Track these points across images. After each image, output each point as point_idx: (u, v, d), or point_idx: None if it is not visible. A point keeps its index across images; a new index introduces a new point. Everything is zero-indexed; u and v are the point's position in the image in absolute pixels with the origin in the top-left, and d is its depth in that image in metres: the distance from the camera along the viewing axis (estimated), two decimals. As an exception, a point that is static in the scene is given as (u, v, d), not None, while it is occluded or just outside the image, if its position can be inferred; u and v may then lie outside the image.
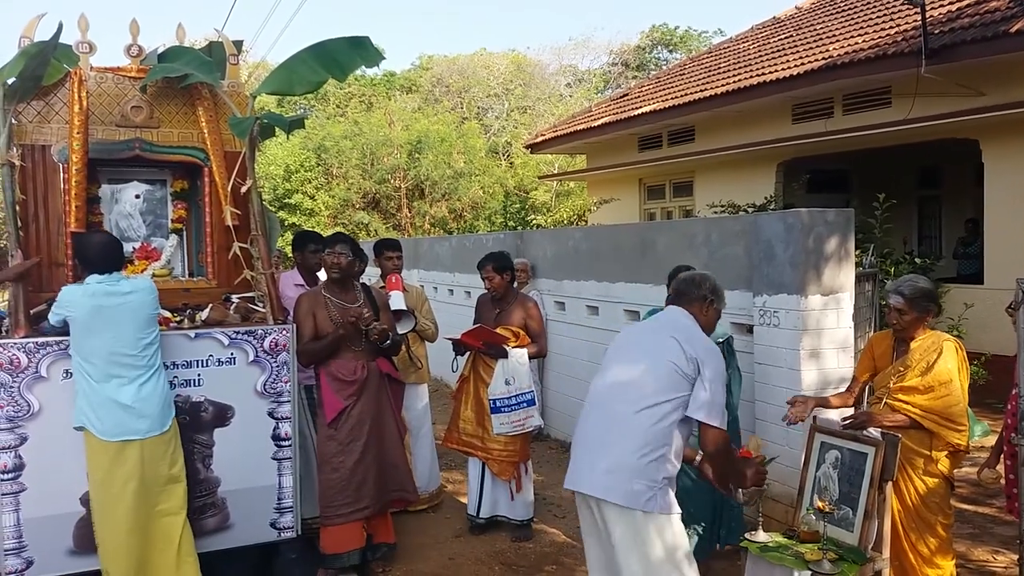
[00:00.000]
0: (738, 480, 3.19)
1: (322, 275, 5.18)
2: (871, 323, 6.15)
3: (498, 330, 4.89)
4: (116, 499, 3.55)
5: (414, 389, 5.37)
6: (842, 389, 4.62)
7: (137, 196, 4.69)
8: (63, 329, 3.66)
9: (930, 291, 3.58)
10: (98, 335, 3.54)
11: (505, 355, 4.84)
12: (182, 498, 3.74)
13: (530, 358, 4.97)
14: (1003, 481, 4.29)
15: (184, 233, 4.74)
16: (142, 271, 4.42)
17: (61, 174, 4.19)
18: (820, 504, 3.29)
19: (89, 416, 3.54)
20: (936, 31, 8.39)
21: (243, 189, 4.35)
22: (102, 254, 3.68)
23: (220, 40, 4.67)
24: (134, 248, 4.55)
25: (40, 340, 3.69)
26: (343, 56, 4.31)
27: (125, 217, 4.69)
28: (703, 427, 2.92)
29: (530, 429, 4.93)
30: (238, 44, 4.75)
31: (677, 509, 2.90)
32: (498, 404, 4.83)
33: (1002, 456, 4.19)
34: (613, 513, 2.88)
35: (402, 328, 4.72)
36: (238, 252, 4.43)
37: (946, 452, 3.50)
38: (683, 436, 2.97)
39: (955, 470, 3.58)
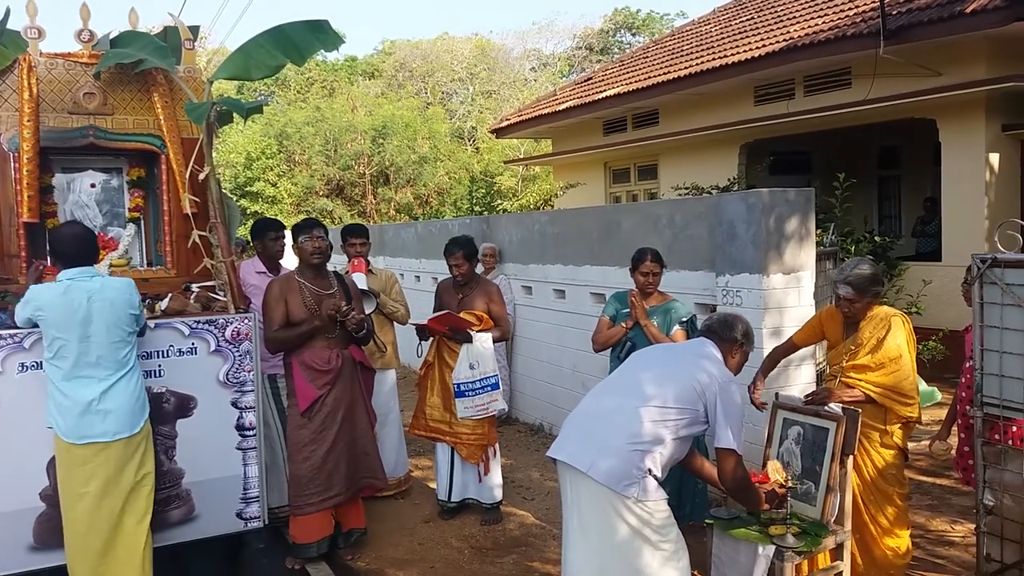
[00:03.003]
0: (754, 505, 3.24)
1: (284, 262, 5.13)
2: (831, 301, 6.23)
3: (462, 315, 4.89)
4: (77, 499, 3.47)
5: (380, 375, 5.33)
6: (802, 365, 4.72)
7: (92, 185, 4.61)
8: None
9: (876, 275, 3.60)
10: (68, 333, 3.42)
11: (470, 340, 4.84)
12: (146, 503, 3.62)
13: (494, 342, 4.97)
14: (953, 453, 4.39)
15: (142, 222, 4.67)
16: (100, 261, 4.34)
17: (12, 163, 4.10)
18: (782, 478, 3.34)
19: (55, 416, 3.44)
20: (894, 12, 8.49)
21: (201, 176, 4.29)
22: (74, 247, 3.55)
23: (175, 25, 4.59)
24: (90, 238, 4.46)
25: (-8, 333, 3.61)
26: (301, 40, 4.26)
27: (80, 207, 4.60)
28: (721, 455, 3.00)
29: (494, 413, 4.95)
30: (194, 30, 4.67)
31: (657, 496, 2.89)
32: (462, 388, 4.84)
33: (954, 428, 4.29)
34: (589, 487, 2.89)
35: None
36: (197, 241, 4.36)
37: (899, 424, 3.58)
38: (678, 454, 3.01)
39: (912, 444, 3.65)
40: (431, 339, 5.07)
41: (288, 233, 4.74)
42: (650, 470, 2.88)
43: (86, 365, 3.44)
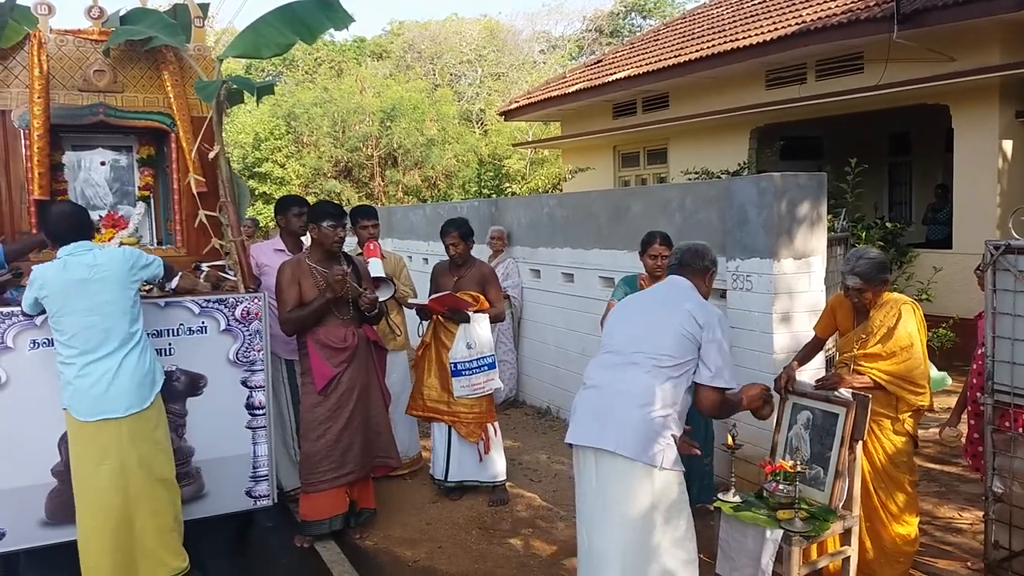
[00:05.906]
0: (736, 407, 3.20)
1: (306, 240, 5.12)
2: (841, 287, 6.20)
3: (459, 295, 4.93)
4: (89, 478, 3.45)
5: (393, 357, 5.35)
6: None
7: (103, 163, 4.60)
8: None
9: (883, 263, 3.59)
10: (73, 310, 3.40)
11: (468, 320, 4.88)
12: (167, 475, 3.64)
13: (490, 322, 5.00)
14: (963, 440, 4.39)
15: (152, 201, 4.67)
16: (109, 240, 4.35)
17: (22, 140, 4.09)
18: (785, 465, 3.33)
19: (68, 395, 3.42)
20: (908, -5, 8.40)
21: (211, 155, 4.28)
22: (66, 224, 3.51)
23: (185, 3, 4.56)
24: (100, 216, 4.47)
25: (4, 310, 3.62)
26: (311, 18, 4.24)
27: (91, 185, 4.60)
28: (697, 388, 3.01)
29: (490, 392, 4.98)
30: (204, 7, 4.65)
31: (680, 467, 2.93)
32: (459, 367, 4.88)
33: (964, 415, 4.28)
34: (617, 465, 2.90)
35: (381, 295, 4.70)
36: (204, 220, 4.36)
37: (910, 411, 3.56)
38: (688, 402, 3.03)
39: (921, 431, 3.65)
40: (428, 319, 5.11)
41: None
42: (674, 436, 2.92)
43: (94, 339, 3.41)
